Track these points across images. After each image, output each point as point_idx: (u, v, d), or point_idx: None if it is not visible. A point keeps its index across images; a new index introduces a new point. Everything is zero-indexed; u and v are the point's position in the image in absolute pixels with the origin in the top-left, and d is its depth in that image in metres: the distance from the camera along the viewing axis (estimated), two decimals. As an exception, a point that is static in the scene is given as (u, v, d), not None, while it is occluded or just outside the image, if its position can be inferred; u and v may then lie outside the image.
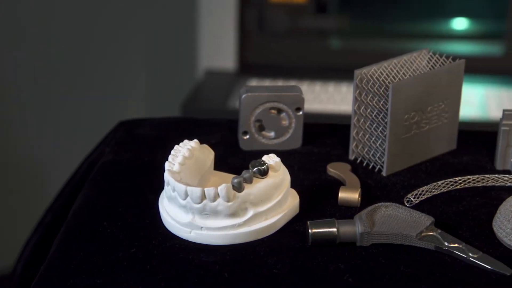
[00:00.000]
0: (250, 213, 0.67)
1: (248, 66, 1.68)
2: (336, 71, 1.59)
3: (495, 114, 1.42)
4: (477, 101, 1.51)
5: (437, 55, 0.77)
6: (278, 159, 0.69)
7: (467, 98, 1.53)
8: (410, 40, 1.64)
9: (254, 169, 0.68)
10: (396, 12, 1.67)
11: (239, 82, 1.62)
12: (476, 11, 1.63)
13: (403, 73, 0.75)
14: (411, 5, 1.65)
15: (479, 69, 1.58)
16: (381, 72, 0.75)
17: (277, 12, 1.66)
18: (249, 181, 0.67)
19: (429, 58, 0.77)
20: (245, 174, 0.67)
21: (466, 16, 1.63)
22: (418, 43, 1.63)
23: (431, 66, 0.76)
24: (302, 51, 1.66)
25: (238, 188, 0.67)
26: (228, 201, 0.66)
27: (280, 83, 1.61)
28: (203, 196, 0.66)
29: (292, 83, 1.62)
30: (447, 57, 0.77)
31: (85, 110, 1.69)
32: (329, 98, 1.54)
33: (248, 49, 1.68)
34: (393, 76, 0.74)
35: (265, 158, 0.69)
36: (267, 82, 1.61)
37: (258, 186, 0.67)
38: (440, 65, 0.76)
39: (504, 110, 0.73)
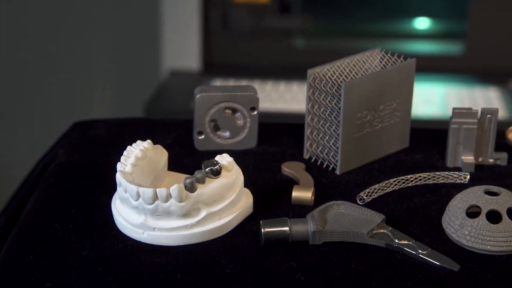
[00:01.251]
0: (203, 213, 0.67)
1: (213, 66, 1.68)
2: (300, 70, 1.60)
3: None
4: (438, 99, 1.53)
5: (388, 55, 0.78)
6: (231, 159, 0.69)
7: (428, 96, 1.56)
8: (373, 40, 1.65)
9: (207, 169, 0.68)
10: (359, 12, 1.68)
11: (203, 82, 1.61)
12: (438, 11, 1.65)
13: (355, 72, 0.76)
14: (374, 5, 1.67)
15: (440, 68, 1.61)
16: (333, 72, 0.76)
17: (241, 12, 1.66)
18: (202, 181, 0.67)
19: (381, 58, 0.78)
20: (198, 174, 0.67)
21: (428, 16, 1.65)
22: (381, 42, 1.64)
23: (383, 65, 0.77)
24: (266, 51, 1.66)
25: (190, 188, 0.67)
26: (180, 202, 0.66)
27: (244, 82, 1.61)
28: (155, 197, 0.66)
29: (256, 82, 1.63)
30: (399, 56, 0.77)
31: (47, 111, 1.67)
32: (293, 97, 1.54)
33: (212, 49, 1.68)
34: (345, 76, 0.75)
35: (218, 158, 0.69)
36: (231, 82, 1.61)
37: (211, 186, 0.67)
38: (391, 64, 0.77)
39: (453, 108, 0.74)
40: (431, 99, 1.53)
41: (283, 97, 1.56)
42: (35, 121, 1.67)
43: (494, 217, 0.65)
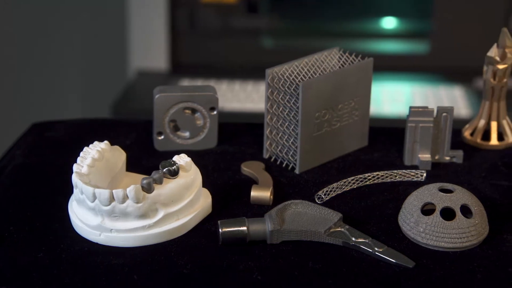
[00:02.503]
0: (160, 214, 0.67)
1: (180, 66, 1.68)
2: (268, 70, 1.60)
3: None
4: (404, 98, 1.54)
5: (346, 54, 0.78)
6: (188, 159, 0.69)
7: (394, 95, 1.58)
8: (340, 39, 1.66)
9: (164, 170, 0.67)
10: (327, 12, 1.69)
11: (171, 82, 1.61)
12: (404, 11, 1.67)
13: (314, 72, 0.76)
14: (341, 5, 1.68)
15: (406, 67, 1.63)
16: (292, 71, 0.76)
17: (209, 12, 1.66)
18: (159, 181, 0.67)
19: (339, 57, 0.78)
20: (155, 174, 0.67)
21: (394, 15, 1.66)
22: (348, 41, 1.65)
23: (341, 64, 0.78)
24: (234, 51, 1.66)
25: (147, 189, 0.66)
26: (137, 202, 0.66)
27: (212, 82, 1.61)
28: (112, 198, 0.65)
29: (225, 82, 1.63)
30: (357, 56, 0.78)
31: (7, 112, 1.65)
32: (261, 97, 1.55)
33: (180, 49, 1.67)
34: (303, 75, 0.75)
35: (175, 158, 0.69)
36: (199, 82, 1.61)
37: (169, 186, 0.67)
38: (349, 63, 0.78)
39: (410, 107, 0.75)
40: (397, 97, 1.54)
41: (251, 97, 1.56)
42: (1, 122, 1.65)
43: (448, 214, 0.66)
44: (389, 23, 1.66)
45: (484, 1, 1.56)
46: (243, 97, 1.57)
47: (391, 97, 1.54)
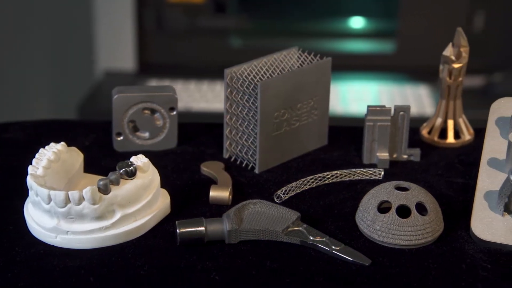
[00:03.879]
0: (118, 215, 0.67)
1: (148, 66, 1.67)
2: (236, 70, 1.60)
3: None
4: (371, 97, 1.56)
5: (305, 53, 0.78)
6: (146, 160, 0.69)
7: (361, 94, 1.59)
8: (308, 39, 1.67)
9: (121, 171, 0.67)
10: (295, 12, 1.70)
11: (139, 82, 1.60)
12: (370, 11, 1.68)
13: (272, 72, 0.76)
14: (309, 4, 1.69)
15: (373, 66, 1.64)
16: (250, 71, 0.76)
17: (176, 12, 1.65)
18: (116, 182, 0.67)
19: (298, 56, 0.79)
20: (112, 176, 0.67)
21: (361, 15, 1.68)
22: (316, 41, 1.66)
23: (300, 64, 0.78)
24: (202, 51, 1.66)
25: (104, 190, 0.66)
26: (93, 204, 0.65)
27: (180, 83, 1.61)
28: (67, 200, 0.65)
29: (193, 82, 1.62)
30: (315, 55, 0.78)
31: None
32: (229, 97, 1.54)
33: (148, 49, 1.66)
34: (262, 75, 0.76)
35: (133, 159, 0.68)
36: (166, 82, 1.60)
37: (126, 187, 0.67)
38: (308, 63, 0.78)
39: (368, 106, 0.76)
40: (364, 96, 1.56)
41: (219, 97, 1.56)
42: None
43: (404, 212, 0.66)
44: (356, 22, 1.68)
45: (448, 1, 1.58)
46: (211, 97, 1.57)
47: (358, 96, 1.55)
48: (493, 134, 0.70)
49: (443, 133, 0.81)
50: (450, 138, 0.80)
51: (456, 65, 0.77)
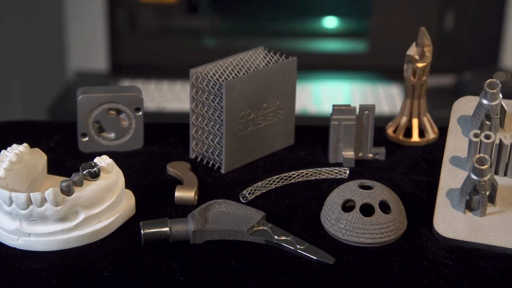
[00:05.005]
0: (81, 217, 0.66)
1: (121, 67, 1.66)
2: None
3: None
4: (343, 96, 1.56)
5: (271, 53, 0.79)
6: (110, 161, 0.68)
7: (333, 93, 1.59)
8: (281, 38, 1.67)
9: (84, 172, 0.67)
10: (268, 12, 1.70)
11: (111, 83, 1.59)
12: (343, 10, 1.69)
13: (238, 71, 0.76)
14: (282, 4, 1.69)
15: (346, 65, 1.65)
16: (216, 71, 0.76)
17: (148, 12, 1.65)
18: (79, 184, 0.66)
19: (264, 56, 0.79)
20: (75, 177, 0.66)
21: (333, 15, 1.68)
22: (289, 41, 1.67)
23: (265, 63, 0.78)
24: (175, 51, 1.66)
25: (67, 191, 0.65)
26: (56, 206, 0.65)
27: (153, 83, 1.60)
28: (29, 202, 0.64)
29: (165, 82, 1.62)
30: (281, 55, 0.78)
31: None
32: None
33: (120, 49, 1.65)
34: (227, 75, 0.75)
35: (97, 160, 0.68)
36: (139, 83, 1.60)
37: (89, 188, 0.66)
38: (274, 62, 0.78)
39: (333, 105, 0.76)
40: (337, 96, 1.56)
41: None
42: None
43: (368, 210, 0.67)
44: (328, 22, 1.68)
45: (419, 1, 1.60)
46: (184, 97, 1.56)
47: (331, 95, 1.56)
48: (455, 133, 0.71)
49: (408, 132, 0.82)
50: (415, 137, 0.81)
51: (420, 65, 0.78)
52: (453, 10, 1.58)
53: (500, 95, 0.68)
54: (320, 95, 1.56)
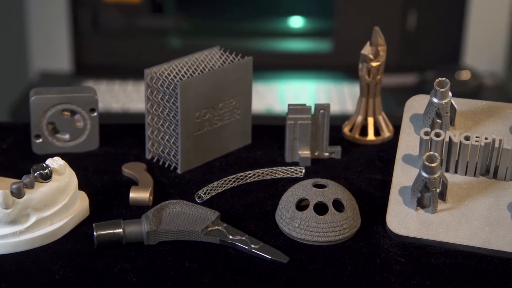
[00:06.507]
0: (32, 219, 0.65)
1: (85, 67, 1.64)
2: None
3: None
4: (308, 95, 1.57)
5: (227, 53, 0.78)
6: (62, 162, 0.67)
7: (299, 93, 1.60)
8: (247, 38, 1.67)
9: (36, 174, 0.66)
10: (233, 11, 1.70)
11: (75, 83, 1.57)
12: (307, 10, 1.70)
13: (193, 71, 0.76)
14: (247, 4, 1.69)
15: (311, 65, 1.65)
16: (171, 71, 0.76)
17: (112, 12, 1.63)
18: (30, 186, 0.65)
19: (219, 56, 0.79)
20: (25, 179, 0.65)
21: (298, 14, 1.69)
22: (254, 40, 1.67)
23: (221, 63, 0.78)
24: (140, 51, 1.64)
25: (17, 194, 0.64)
26: (6, 208, 0.64)
27: (117, 83, 1.59)
28: (-22, 205, 0.63)
29: (130, 83, 1.61)
30: (237, 55, 0.78)
31: None
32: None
33: (84, 49, 1.64)
34: (182, 75, 0.75)
35: (48, 161, 0.67)
36: (103, 83, 1.58)
37: (41, 190, 0.66)
38: (229, 62, 0.78)
39: (288, 105, 0.76)
40: (302, 95, 1.57)
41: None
42: None
43: (322, 209, 0.67)
44: (293, 22, 1.69)
45: (382, 0, 1.61)
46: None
47: (296, 95, 1.56)
48: (408, 131, 0.71)
49: (364, 131, 0.82)
50: (371, 135, 0.81)
51: (374, 64, 0.79)
52: (415, 10, 1.60)
53: (450, 94, 0.68)
54: (286, 95, 1.57)
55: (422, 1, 1.60)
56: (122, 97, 1.56)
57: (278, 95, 1.56)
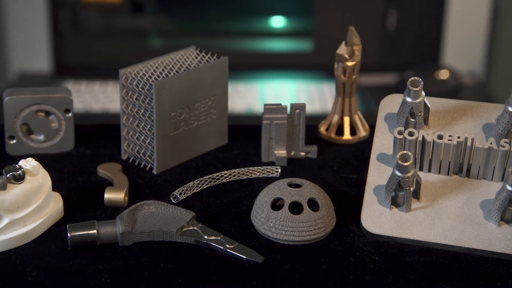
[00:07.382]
0: (5, 221, 0.65)
1: (65, 68, 1.63)
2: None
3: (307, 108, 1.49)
4: (289, 95, 1.57)
5: (203, 53, 0.78)
6: (35, 163, 0.67)
7: (279, 92, 1.60)
8: (228, 38, 1.67)
9: (8, 175, 0.65)
10: (214, 11, 1.69)
11: (55, 84, 1.56)
12: (288, 10, 1.70)
13: (168, 71, 0.76)
14: (228, 4, 1.69)
15: (291, 65, 1.66)
16: (146, 71, 0.75)
17: (92, 12, 1.62)
18: (3, 187, 0.65)
19: (195, 56, 0.78)
20: (-2, 180, 0.65)
21: (279, 14, 1.69)
22: (236, 40, 1.67)
23: (197, 63, 0.78)
24: (120, 51, 1.64)
25: (-11, 195, 0.64)
26: (-22, 210, 0.63)
27: (97, 84, 1.58)
28: (-51, 207, 0.63)
29: (110, 83, 1.60)
30: (212, 54, 0.78)
31: None
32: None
33: (64, 50, 1.63)
34: (157, 75, 0.75)
35: (21, 162, 0.67)
36: (84, 84, 1.57)
37: (13, 192, 0.65)
38: (205, 62, 0.78)
39: (264, 104, 0.76)
40: (283, 95, 1.57)
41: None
42: None
43: (297, 208, 0.67)
44: (274, 22, 1.69)
45: (362, 0, 1.62)
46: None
47: (277, 94, 1.57)
48: (382, 130, 0.72)
49: (340, 130, 0.83)
50: (347, 135, 0.82)
51: (349, 63, 0.79)
52: (395, 10, 1.61)
53: (423, 93, 0.69)
54: (266, 94, 1.57)
55: (402, 1, 1.61)
56: (102, 97, 1.55)
57: (259, 95, 1.56)
